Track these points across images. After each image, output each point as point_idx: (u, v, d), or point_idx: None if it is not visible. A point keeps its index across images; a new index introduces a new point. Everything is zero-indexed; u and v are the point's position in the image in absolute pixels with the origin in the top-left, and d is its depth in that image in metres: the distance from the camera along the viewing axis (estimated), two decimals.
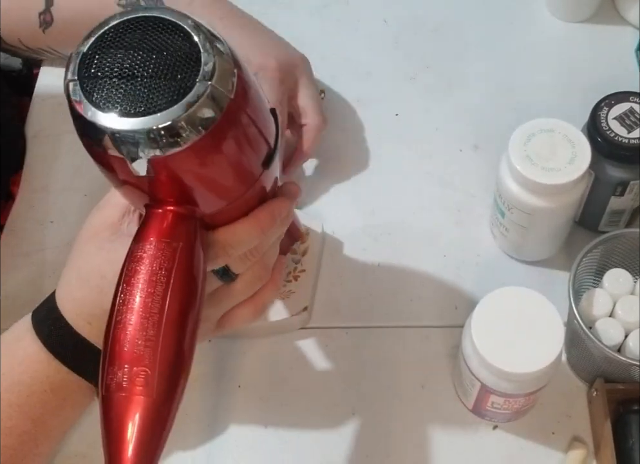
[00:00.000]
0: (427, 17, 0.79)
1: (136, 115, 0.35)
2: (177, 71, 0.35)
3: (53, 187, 0.71)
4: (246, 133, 0.39)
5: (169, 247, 0.39)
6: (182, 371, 0.39)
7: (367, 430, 0.59)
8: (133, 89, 0.35)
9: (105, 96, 0.35)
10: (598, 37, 0.77)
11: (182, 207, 0.40)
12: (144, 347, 0.37)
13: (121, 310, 0.38)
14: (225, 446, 0.59)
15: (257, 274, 0.47)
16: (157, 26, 0.36)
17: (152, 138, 0.35)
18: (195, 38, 0.36)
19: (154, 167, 0.36)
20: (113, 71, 0.35)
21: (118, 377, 0.37)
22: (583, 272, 0.59)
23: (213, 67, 0.35)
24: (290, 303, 0.62)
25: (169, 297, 0.38)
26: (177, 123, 0.35)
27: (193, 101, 0.35)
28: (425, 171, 0.71)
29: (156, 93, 0.35)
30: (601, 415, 0.56)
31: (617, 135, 0.58)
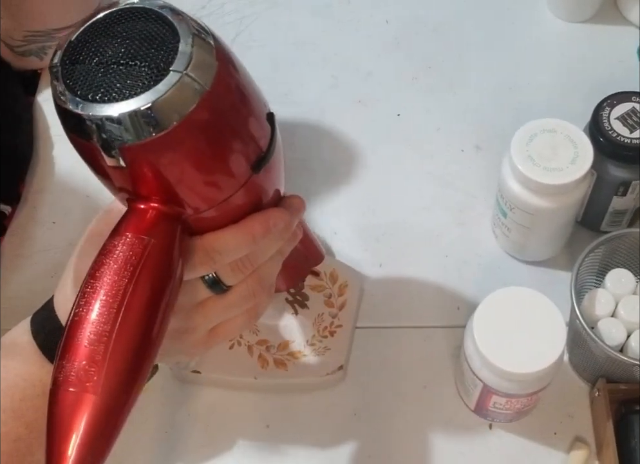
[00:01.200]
0: (429, 17, 0.79)
1: (107, 101, 0.34)
2: (154, 60, 0.35)
3: (56, 188, 0.71)
4: (224, 129, 0.37)
5: (140, 243, 0.37)
6: (137, 373, 0.37)
7: (369, 431, 0.59)
8: (108, 75, 0.35)
9: (81, 82, 0.35)
10: (600, 37, 0.77)
11: (166, 206, 0.38)
12: (97, 342, 0.36)
13: (80, 304, 0.37)
14: (225, 444, 0.59)
15: (251, 288, 0.45)
16: (144, 16, 0.36)
17: (119, 125, 0.34)
18: (177, 29, 0.35)
19: (124, 157, 0.35)
20: (93, 59, 0.35)
21: (67, 371, 0.35)
22: (585, 272, 0.59)
23: (189, 57, 0.35)
24: (325, 360, 0.59)
25: (129, 294, 0.36)
26: (143, 111, 0.34)
27: (164, 89, 0.34)
28: (426, 171, 0.71)
29: (130, 80, 0.34)
30: (603, 415, 0.56)
31: (619, 134, 0.58)
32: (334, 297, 0.62)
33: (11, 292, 0.66)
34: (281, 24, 0.80)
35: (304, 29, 0.79)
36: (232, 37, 0.78)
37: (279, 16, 0.80)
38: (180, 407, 0.61)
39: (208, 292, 0.44)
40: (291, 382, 0.60)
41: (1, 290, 0.66)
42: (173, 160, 0.36)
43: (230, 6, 0.81)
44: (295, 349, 0.60)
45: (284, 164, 0.45)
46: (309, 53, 0.78)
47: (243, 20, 0.80)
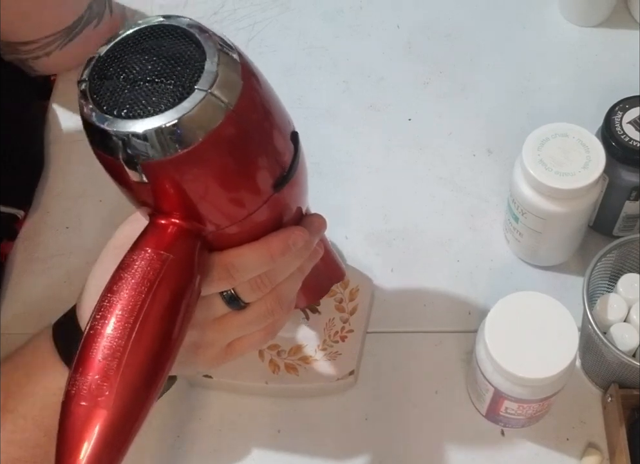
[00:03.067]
0: (440, 22, 0.79)
1: (132, 117, 0.35)
2: (180, 78, 0.35)
3: (69, 193, 0.72)
4: (247, 147, 0.37)
5: (158, 258, 0.37)
6: (150, 388, 0.37)
7: (380, 436, 0.59)
8: (134, 92, 0.35)
9: (107, 98, 0.35)
10: (612, 41, 0.77)
11: (186, 222, 0.38)
12: (111, 357, 0.36)
13: (96, 317, 0.37)
14: (236, 449, 0.59)
15: (269, 306, 0.45)
16: (172, 34, 0.36)
17: (144, 141, 0.34)
18: (204, 47, 0.36)
19: (147, 173, 0.36)
20: (120, 75, 0.36)
21: (79, 385, 0.36)
22: (597, 277, 0.58)
23: (215, 76, 0.35)
24: (336, 365, 0.59)
25: (145, 310, 0.36)
26: (167, 128, 0.34)
27: (188, 107, 0.34)
28: (438, 175, 0.71)
29: (155, 97, 0.35)
30: (615, 421, 0.55)
31: (632, 139, 0.57)
32: (345, 302, 0.62)
33: (26, 296, 0.67)
34: (293, 29, 0.80)
35: (316, 34, 0.80)
36: (244, 43, 0.79)
37: (291, 21, 0.81)
38: (191, 412, 0.61)
39: (225, 308, 0.44)
40: (302, 387, 0.60)
41: (16, 293, 0.67)
42: (196, 177, 0.36)
43: (243, 11, 0.81)
44: (306, 354, 0.60)
45: (307, 182, 0.45)
46: (321, 58, 0.78)
47: (255, 26, 0.80)
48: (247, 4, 0.82)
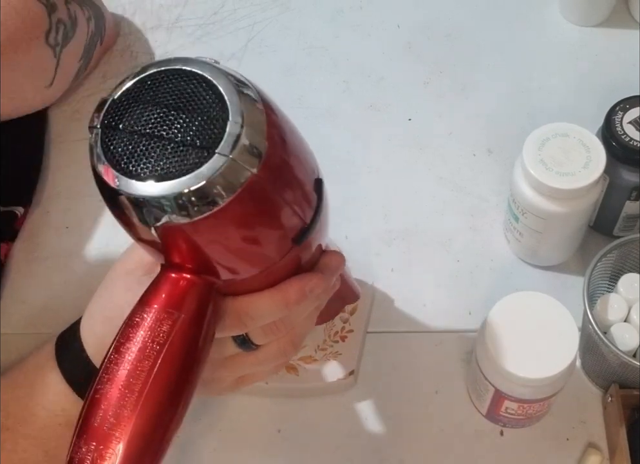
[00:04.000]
0: (440, 22, 0.79)
1: (143, 178, 0.32)
2: (198, 137, 0.32)
3: (69, 193, 0.72)
4: (269, 211, 0.35)
5: (168, 319, 0.35)
6: (154, 459, 0.36)
7: (380, 436, 0.59)
8: (148, 150, 0.32)
9: (120, 152, 0.33)
10: (612, 41, 0.77)
11: (199, 277, 0.36)
12: (116, 425, 0.34)
13: (102, 379, 0.35)
14: (237, 449, 0.59)
15: (282, 349, 0.43)
16: (191, 81, 0.33)
17: (156, 205, 0.32)
18: (227, 103, 0.32)
19: (160, 233, 0.34)
20: (134, 127, 0.33)
21: (82, 453, 0.34)
22: (598, 277, 0.58)
23: (237, 139, 0.32)
24: (336, 365, 0.59)
25: (154, 375, 0.35)
26: (183, 195, 0.32)
27: (207, 174, 0.32)
28: (438, 175, 0.71)
29: (171, 159, 0.32)
30: (616, 421, 0.55)
31: (632, 139, 0.57)
32: None
33: (26, 296, 0.67)
34: (292, 29, 0.80)
35: (316, 34, 0.80)
36: (244, 43, 0.79)
37: (291, 21, 0.81)
38: (191, 412, 0.61)
39: (237, 350, 0.43)
40: (302, 387, 0.60)
41: (16, 293, 0.67)
42: (211, 240, 0.35)
43: (243, 11, 0.81)
44: (306, 354, 0.60)
45: (329, 222, 0.43)
46: (321, 58, 0.78)
47: (255, 26, 0.80)
48: (247, 4, 0.82)
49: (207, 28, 0.80)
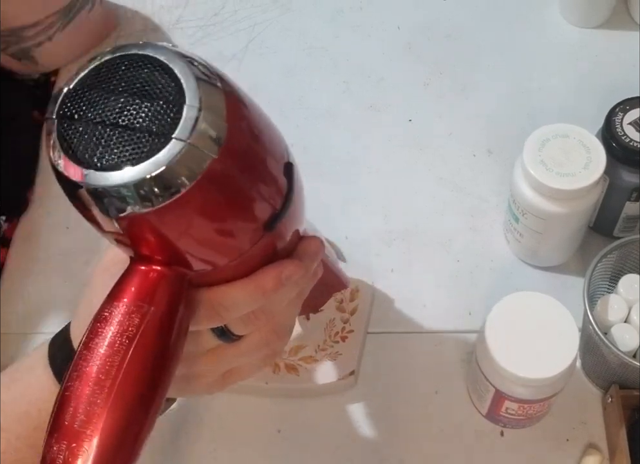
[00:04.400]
0: (440, 23, 0.80)
1: (103, 168, 0.31)
2: (154, 123, 0.31)
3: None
4: (234, 197, 0.34)
5: (138, 312, 0.34)
6: (128, 457, 0.34)
7: (380, 436, 0.59)
8: (104, 139, 0.31)
9: (77, 142, 0.32)
10: (612, 43, 0.77)
11: (169, 268, 0.35)
12: (86, 422, 0.33)
13: (72, 376, 0.34)
14: (237, 449, 0.59)
15: (263, 338, 0.42)
16: (147, 66, 0.32)
17: (116, 195, 0.31)
18: (184, 86, 0.31)
19: (123, 225, 0.33)
20: (90, 116, 0.32)
21: (53, 452, 0.33)
22: (598, 277, 0.58)
23: (194, 123, 0.31)
24: (337, 366, 0.59)
25: (124, 371, 0.34)
26: (143, 183, 0.31)
27: (164, 160, 0.31)
28: (438, 176, 0.71)
29: (128, 147, 0.31)
30: (616, 422, 0.55)
31: (632, 140, 0.57)
32: (345, 302, 0.62)
33: (26, 296, 0.67)
34: (293, 30, 0.80)
35: (317, 35, 0.80)
36: (244, 44, 0.79)
37: (291, 22, 0.81)
38: (191, 412, 0.61)
39: (216, 341, 0.41)
40: (302, 387, 0.60)
41: (16, 293, 0.67)
42: (176, 231, 0.33)
43: (243, 13, 0.81)
44: (306, 354, 0.60)
45: (304, 208, 0.42)
46: (321, 58, 0.78)
47: (255, 27, 0.80)
48: (248, 6, 0.82)
49: (208, 29, 0.80)
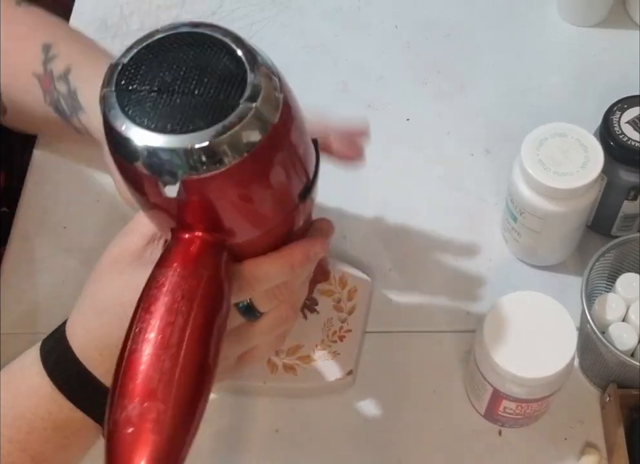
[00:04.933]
0: (439, 21, 0.79)
1: (171, 132, 0.33)
2: (220, 90, 0.33)
3: (66, 193, 0.72)
4: (286, 161, 0.37)
5: (194, 276, 0.36)
6: (197, 409, 0.36)
7: (378, 435, 0.59)
8: (172, 105, 0.33)
9: (141, 110, 0.34)
10: (610, 41, 0.77)
11: (211, 235, 0.37)
12: (158, 380, 0.35)
13: (136, 340, 0.36)
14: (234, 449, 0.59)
15: (283, 314, 0.44)
16: (202, 42, 0.35)
17: (187, 158, 0.33)
18: (242, 58, 0.35)
19: (185, 189, 0.34)
20: (153, 85, 0.34)
21: (128, 412, 0.34)
22: (596, 276, 0.58)
23: (258, 89, 0.34)
24: (334, 365, 0.59)
25: (189, 329, 0.36)
26: (214, 145, 0.33)
27: (234, 123, 0.33)
28: (436, 175, 0.71)
29: (196, 111, 0.33)
30: (614, 421, 0.55)
31: (630, 139, 0.57)
32: (343, 301, 0.62)
33: (24, 296, 0.67)
34: (291, 28, 0.80)
35: (315, 33, 0.80)
36: None
37: (289, 21, 0.81)
38: None
39: (240, 319, 0.43)
40: (300, 387, 0.60)
41: (14, 293, 0.67)
42: (232, 193, 0.36)
43: (241, 11, 0.81)
44: (304, 354, 0.60)
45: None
46: (319, 57, 0.78)
47: (253, 26, 0.80)
48: (245, 4, 0.82)
49: None
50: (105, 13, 0.81)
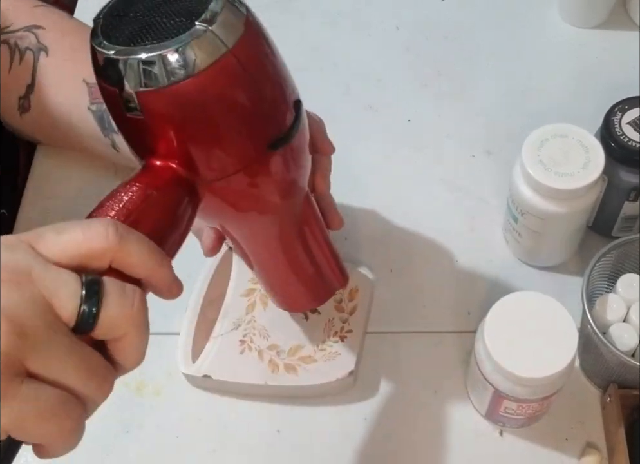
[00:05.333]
0: (439, 23, 0.80)
1: (129, 45, 0.36)
2: (182, 15, 0.36)
3: (67, 194, 0.72)
4: (242, 92, 0.38)
5: (142, 193, 0.38)
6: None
7: (379, 436, 0.59)
8: (142, 25, 0.37)
9: (118, 32, 0.37)
10: (610, 43, 0.77)
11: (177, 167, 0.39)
12: None
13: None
14: (236, 449, 0.60)
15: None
16: None
17: (138, 69, 0.36)
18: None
19: (140, 104, 0.37)
20: (130, 13, 0.37)
21: None
22: (597, 277, 0.58)
23: (215, 14, 0.36)
24: (336, 365, 0.59)
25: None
26: (163, 58, 0.36)
27: (181, 40, 0.36)
28: (437, 176, 0.71)
29: (157, 30, 0.36)
30: (614, 421, 0.55)
31: (631, 139, 0.58)
32: (344, 302, 0.62)
33: None
34: (292, 30, 0.80)
35: (316, 36, 0.80)
36: None
37: (290, 23, 0.81)
38: (191, 412, 0.61)
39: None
40: (301, 387, 0.60)
41: None
42: (186, 111, 0.37)
43: None
44: (305, 354, 0.60)
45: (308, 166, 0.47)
46: (320, 59, 0.78)
47: None
48: None
49: None
50: None
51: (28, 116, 0.65)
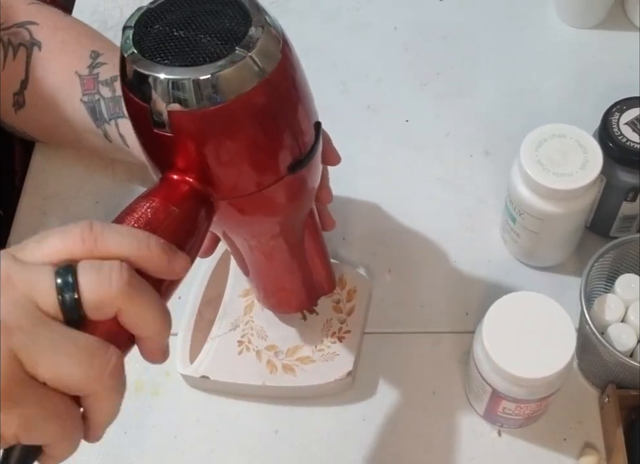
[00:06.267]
0: (438, 23, 0.80)
1: (163, 63, 0.36)
2: (224, 37, 0.36)
3: (65, 194, 0.72)
4: (273, 118, 0.38)
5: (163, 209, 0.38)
6: None
7: (377, 436, 0.59)
8: (178, 43, 0.36)
9: (150, 45, 0.36)
10: (608, 43, 0.77)
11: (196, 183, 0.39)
12: None
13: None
14: (234, 449, 0.60)
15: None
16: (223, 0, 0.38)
17: (176, 89, 0.35)
18: (250, 15, 0.37)
19: (173, 123, 0.36)
20: (167, 26, 0.37)
21: None
22: (595, 277, 0.58)
23: (256, 40, 0.36)
24: (334, 366, 0.59)
25: None
26: (201, 81, 0.35)
27: (221, 66, 0.35)
28: (435, 176, 0.71)
29: (197, 51, 0.36)
30: (612, 421, 0.55)
31: (629, 140, 0.58)
32: (342, 302, 0.62)
33: None
34: (290, 30, 0.80)
35: (314, 35, 0.80)
36: None
37: (289, 23, 0.80)
38: (189, 413, 0.61)
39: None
40: (299, 387, 0.60)
41: None
42: (217, 136, 0.37)
43: None
44: (303, 355, 0.60)
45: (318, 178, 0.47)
46: (319, 59, 0.78)
47: None
48: None
49: None
50: (105, 16, 0.81)
51: (23, 113, 0.65)
